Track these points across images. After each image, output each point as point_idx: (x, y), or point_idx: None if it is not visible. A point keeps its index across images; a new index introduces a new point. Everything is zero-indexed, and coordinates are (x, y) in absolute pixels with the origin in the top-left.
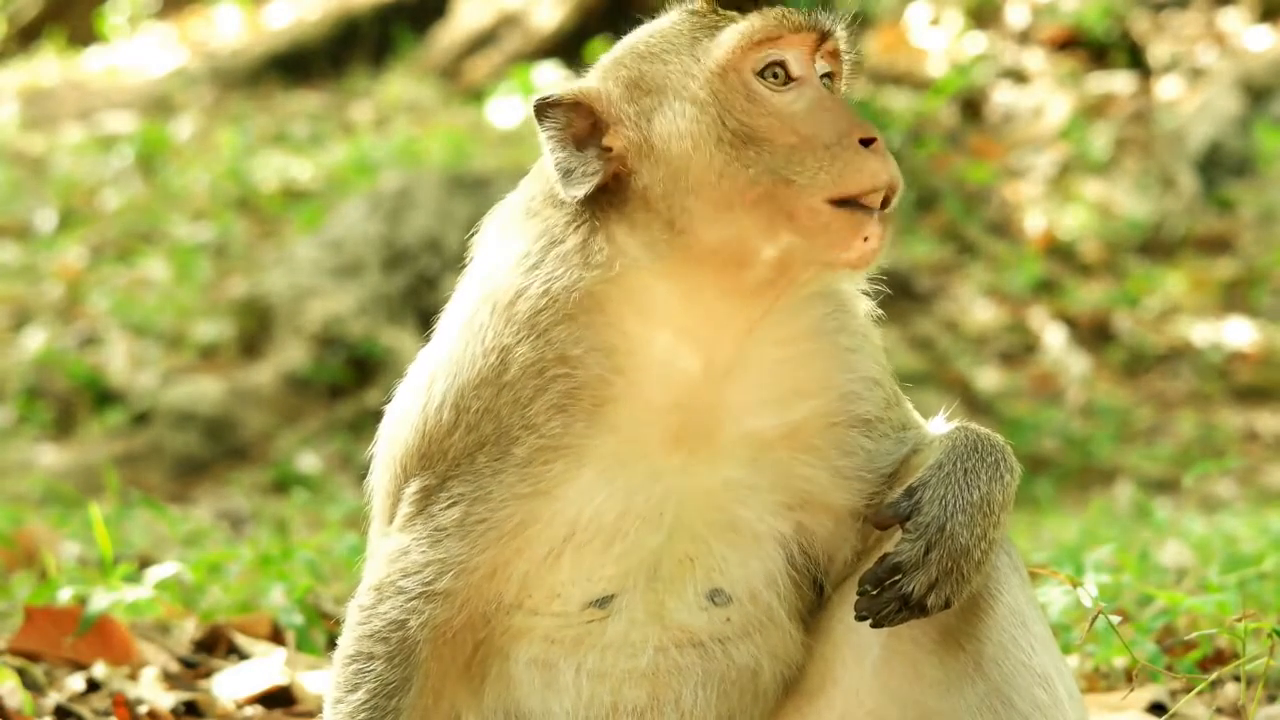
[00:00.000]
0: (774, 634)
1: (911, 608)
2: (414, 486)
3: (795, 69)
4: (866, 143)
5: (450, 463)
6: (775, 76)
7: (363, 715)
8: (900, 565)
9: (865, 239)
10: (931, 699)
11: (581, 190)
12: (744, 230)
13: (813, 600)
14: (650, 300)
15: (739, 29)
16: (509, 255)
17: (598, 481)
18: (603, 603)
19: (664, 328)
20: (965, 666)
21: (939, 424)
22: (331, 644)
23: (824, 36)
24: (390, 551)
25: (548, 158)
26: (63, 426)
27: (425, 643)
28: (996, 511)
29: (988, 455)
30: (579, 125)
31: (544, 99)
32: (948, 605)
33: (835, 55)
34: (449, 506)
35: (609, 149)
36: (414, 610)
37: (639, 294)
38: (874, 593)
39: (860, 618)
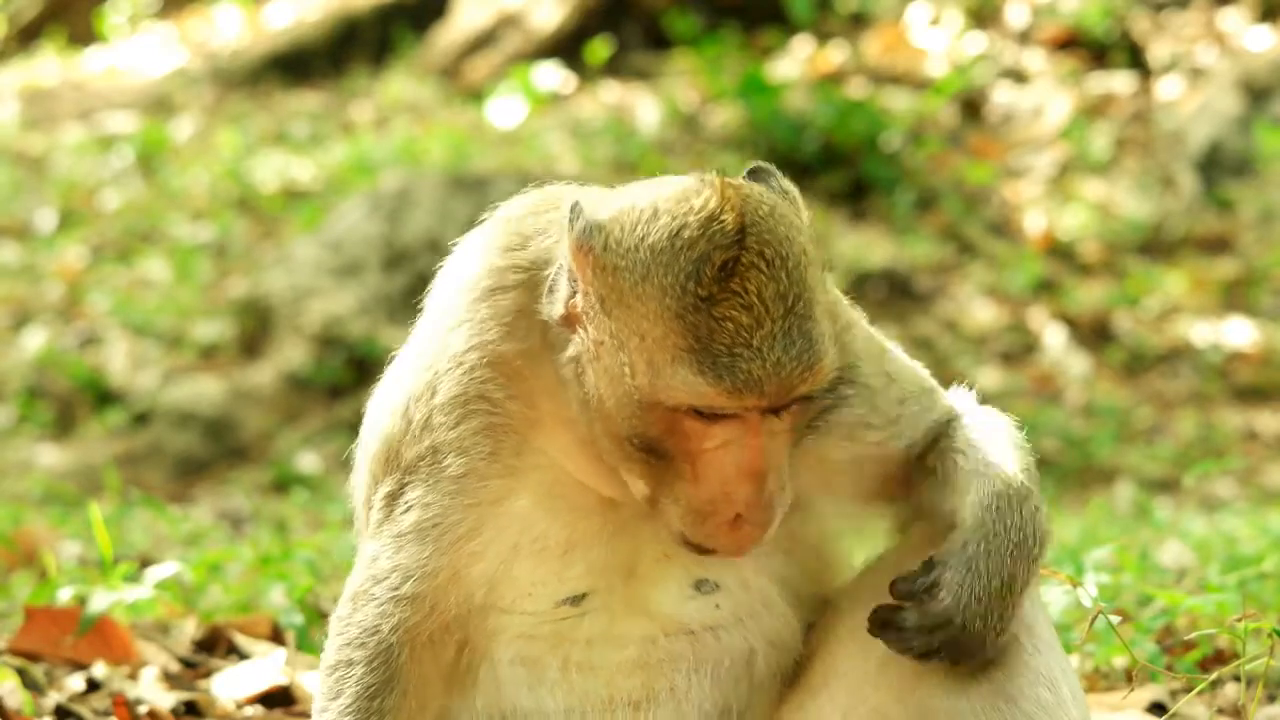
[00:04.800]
0: (768, 619)
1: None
2: (381, 492)
3: (744, 415)
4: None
5: (405, 469)
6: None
7: (348, 718)
8: (904, 630)
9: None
10: (935, 698)
11: (549, 311)
12: (618, 475)
13: (815, 582)
14: (569, 405)
15: (690, 389)
16: (476, 277)
17: (535, 508)
18: (575, 600)
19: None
20: (970, 667)
21: (964, 400)
22: None
23: (781, 410)
24: (364, 559)
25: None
26: (63, 426)
27: (401, 646)
28: (1018, 592)
29: (1016, 528)
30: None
31: (581, 216)
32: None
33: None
34: (406, 511)
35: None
36: (385, 615)
37: (562, 391)
38: (876, 629)
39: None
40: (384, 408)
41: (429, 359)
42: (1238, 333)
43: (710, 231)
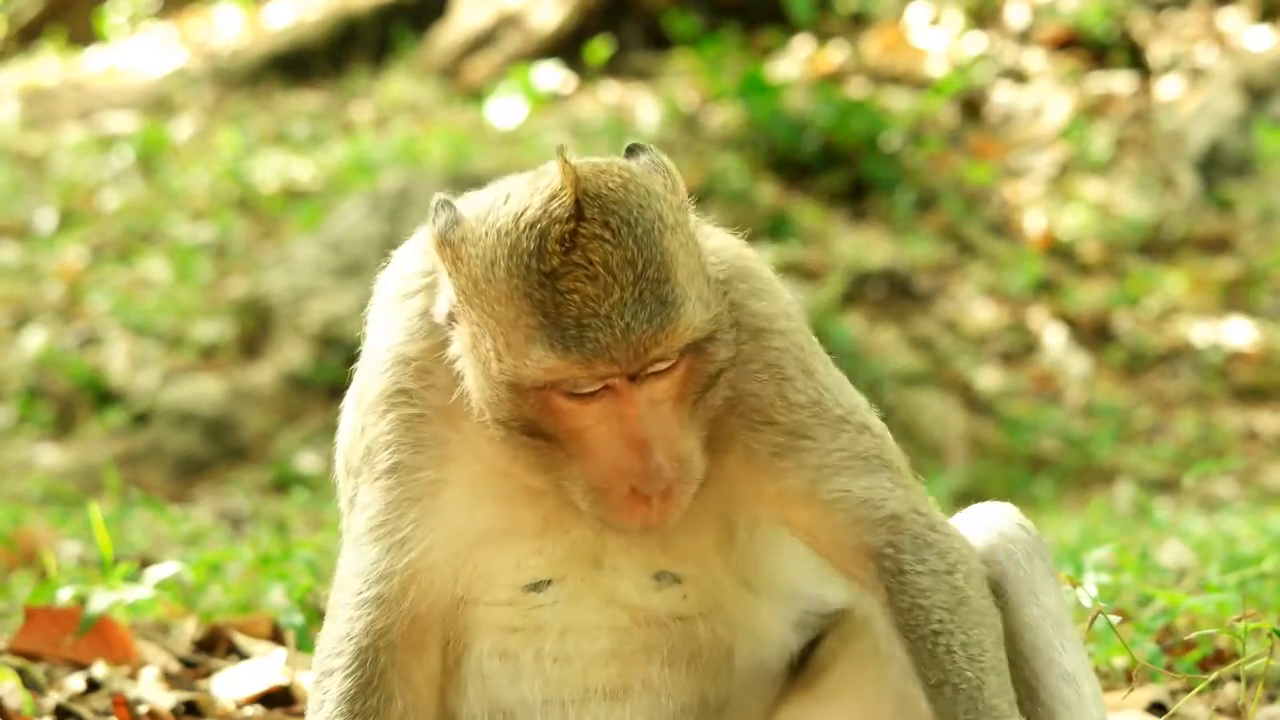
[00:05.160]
0: (740, 613)
1: None
2: (345, 500)
3: (609, 383)
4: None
5: (354, 473)
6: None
7: None
8: None
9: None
10: None
11: (438, 313)
12: (520, 465)
13: (797, 576)
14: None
15: (542, 367)
16: (395, 283)
17: (467, 499)
18: (538, 587)
19: None
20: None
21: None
22: None
23: (638, 375)
24: (337, 569)
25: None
26: (63, 426)
27: (377, 649)
28: None
29: None
30: None
31: (443, 211)
32: None
33: (684, 352)
34: (359, 514)
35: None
36: (353, 620)
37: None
38: None
39: None
40: (341, 419)
41: (361, 366)
42: (1238, 333)
43: (550, 208)
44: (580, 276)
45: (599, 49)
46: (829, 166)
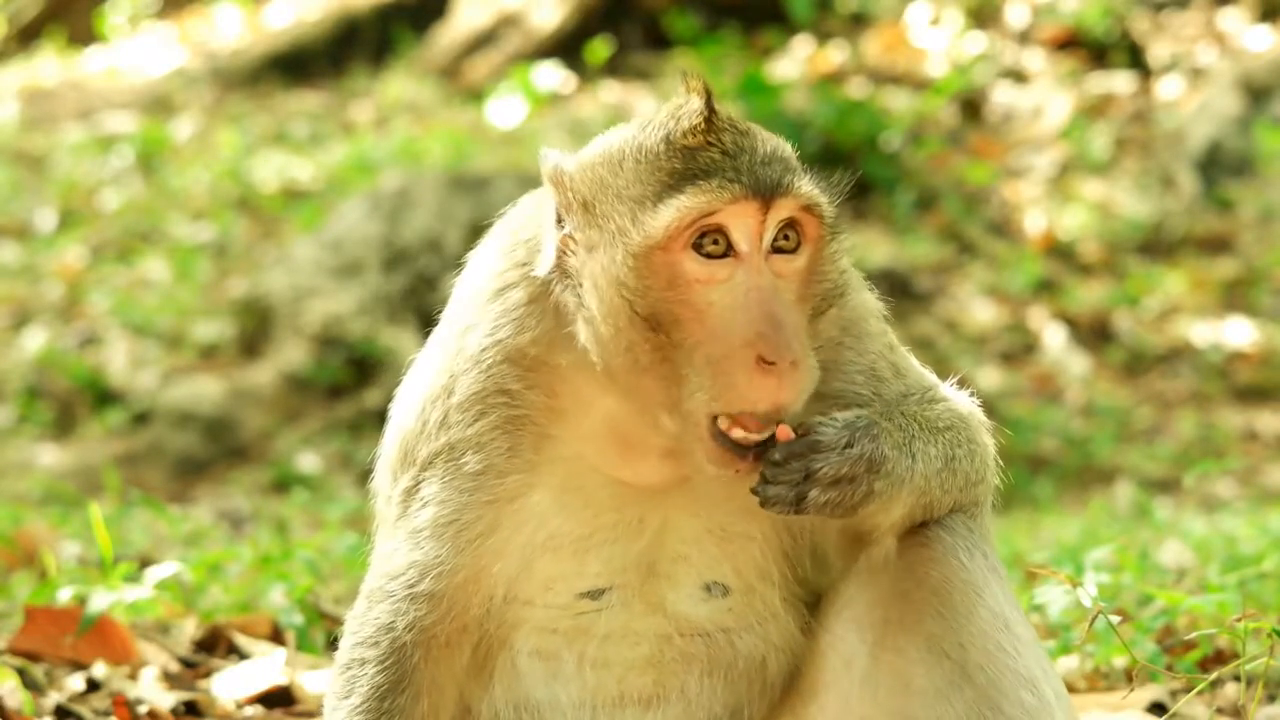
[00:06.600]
0: (776, 626)
1: (802, 495)
2: (399, 488)
3: (739, 242)
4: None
5: (421, 466)
6: (715, 243)
7: (358, 718)
8: (819, 444)
9: (737, 470)
10: (919, 708)
11: (541, 267)
12: (644, 392)
13: (810, 585)
14: (591, 376)
15: (676, 207)
16: (484, 281)
17: (553, 504)
18: (594, 595)
19: (604, 400)
20: (951, 675)
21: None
22: (331, 644)
23: (769, 203)
24: (380, 555)
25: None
26: (63, 426)
27: (415, 645)
28: (923, 466)
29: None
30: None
31: (550, 154)
32: (832, 511)
33: (805, 215)
34: (423, 508)
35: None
36: (400, 613)
37: (583, 364)
38: (780, 460)
39: (756, 490)
40: (401, 409)
41: (445, 362)
42: (1238, 333)
43: (678, 112)
44: (714, 152)
45: (599, 49)
46: (829, 166)
